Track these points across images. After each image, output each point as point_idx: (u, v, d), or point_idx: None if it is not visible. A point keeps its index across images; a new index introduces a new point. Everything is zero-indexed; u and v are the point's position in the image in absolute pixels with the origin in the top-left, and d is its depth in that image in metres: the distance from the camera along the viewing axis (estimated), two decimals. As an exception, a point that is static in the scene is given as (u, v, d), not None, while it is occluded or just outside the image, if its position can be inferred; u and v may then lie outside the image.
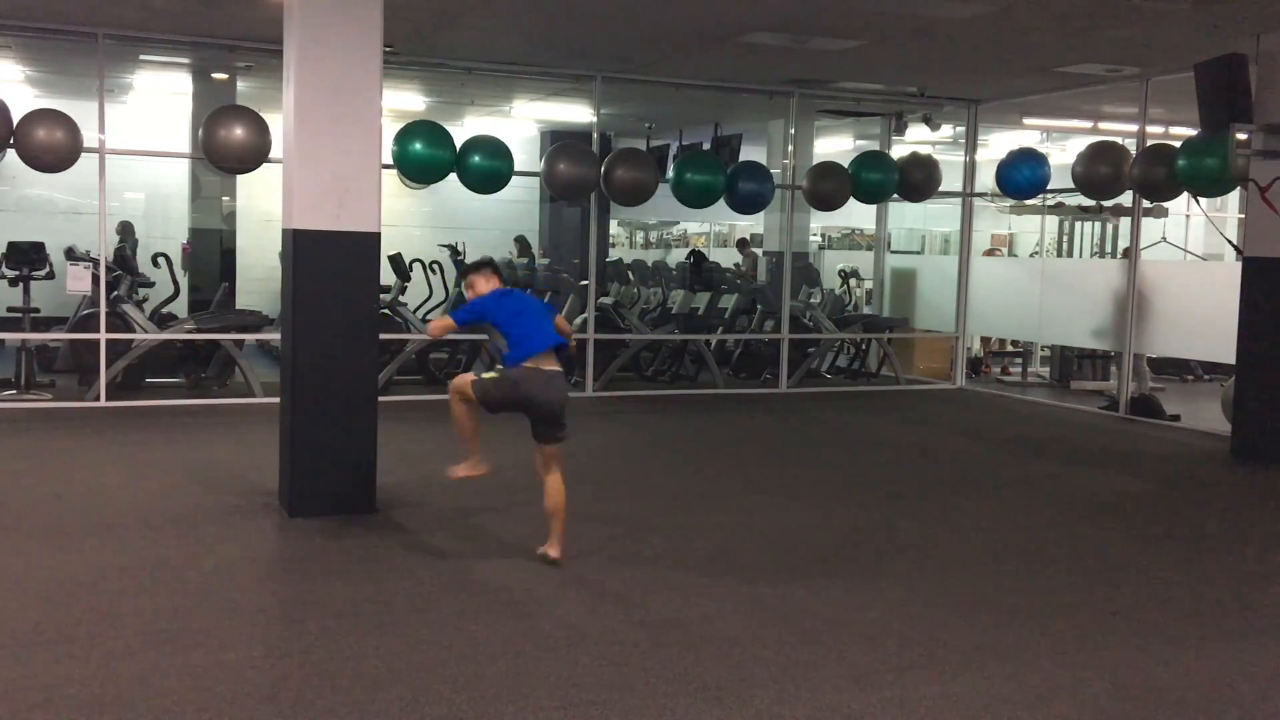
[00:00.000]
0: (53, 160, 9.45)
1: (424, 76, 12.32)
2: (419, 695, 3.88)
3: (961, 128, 13.81)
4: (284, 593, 5.13)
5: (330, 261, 6.33)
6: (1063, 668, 4.35)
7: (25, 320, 10.72)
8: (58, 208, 15.09)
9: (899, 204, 13.94)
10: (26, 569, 5.19)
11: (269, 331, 11.03)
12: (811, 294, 14.33)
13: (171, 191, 14.62)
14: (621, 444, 9.12)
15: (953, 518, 6.81)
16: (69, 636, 4.34)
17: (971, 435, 10.07)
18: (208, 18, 9.49)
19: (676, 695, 3.95)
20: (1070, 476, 8.31)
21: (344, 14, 6.24)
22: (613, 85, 11.90)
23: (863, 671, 4.22)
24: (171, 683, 3.92)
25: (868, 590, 5.25)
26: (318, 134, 6.25)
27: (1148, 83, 10.83)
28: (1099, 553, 6.13)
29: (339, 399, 6.36)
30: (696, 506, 6.91)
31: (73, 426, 8.94)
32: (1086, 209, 13.87)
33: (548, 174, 10.96)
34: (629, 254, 20.76)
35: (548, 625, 4.63)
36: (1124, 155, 10.95)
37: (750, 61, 10.85)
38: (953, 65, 10.86)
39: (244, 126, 9.67)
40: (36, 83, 13.42)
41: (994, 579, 5.53)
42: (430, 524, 6.21)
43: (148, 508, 6.38)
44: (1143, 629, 4.84)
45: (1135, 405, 11.21)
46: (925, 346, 13.93)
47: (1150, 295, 11.11)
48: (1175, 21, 8.51)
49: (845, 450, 9.21)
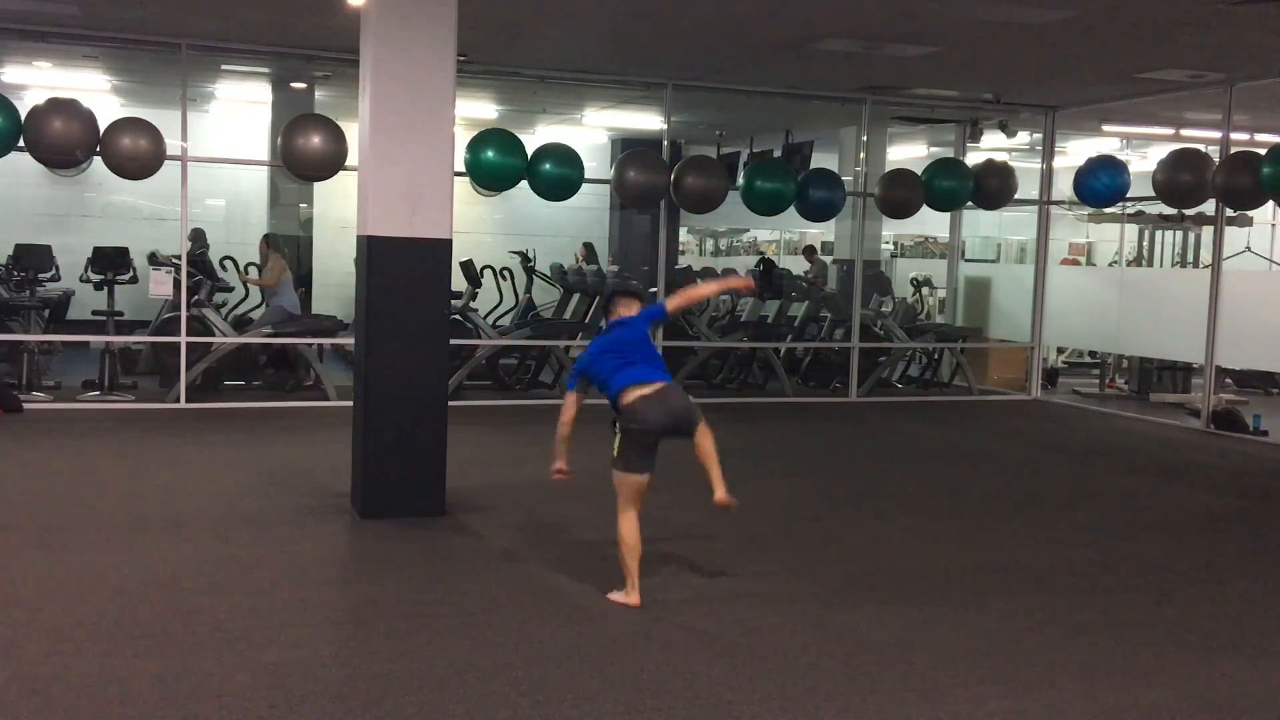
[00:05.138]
0: (137, 167, 9.70)
1: (497, 85, 12.45)
2: (484, 698, 3.90)
3: (1038, 134, 13.60)
4: (354, 593, 5.20)
5: (403, 267, 6.41)
6: (1136, 685, 4.24)
7: (109, 323, 11.01)
8: (141, 214, 15.48)
9: (973, 212, 13.76)
10: (106, 566, 5.32)
11: (343, 336, 11.20)
12: (883, 302, 14.19)
13: (251, 198, 14.92)
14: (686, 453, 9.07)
15: (1025, 532, 6.69)
16: (146, 633, 4.44)
17: (1046, 447, 9.88)
18: (287, 28, 9.69)
19: (741, 704, 3.93)
20: (1148, 491, 8.12)
21: (419, 24, 6.33)
22: (683, 93, 11.91)
23: (930, 686, 4.16)
24: (243, 680, 3.99)
25: (938, 604, 5.17)
26: (392, 142, 6.34)
27: (1232, 89, 10.58)
28: (1176, 568, 5.98)
29: (410, 403, 6.43)
30: (764, 517, 6.87)
31: (153, 427, 9.15)
32: (1167, 217, 13.56)
33: (618, 181, 11.00)
34: (698, 261, 20.72)
35: (613, 631, 4.64)
36: (1207, 162, 10.71)
37: (822, 68, 10.78)
38: (1029, 71, 10.70)
39: (321, 135, 9.84)
40: (122, 92, 13.80)
41: (1067, 595, 5.42)
42: (498, 528, 6.25)
43: (223, 508, 6.51)
44: (1219, 646, 4.71)
45: (1218, 418, 10.93)
46: (1000, 356, 13.73)
47: (1234, 306, 10.82)
48: (1260, 26, 8.29)
49: (916, 461, 9.09)
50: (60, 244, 13.31)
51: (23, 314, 11.10)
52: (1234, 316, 10.81)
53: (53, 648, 4.24)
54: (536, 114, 14.77)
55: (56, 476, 7.33)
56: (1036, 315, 12.96)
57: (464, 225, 11.09)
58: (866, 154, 12.61)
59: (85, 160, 9.61)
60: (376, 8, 6.33)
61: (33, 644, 4.27)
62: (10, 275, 11.92)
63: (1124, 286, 12.33)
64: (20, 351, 10.60)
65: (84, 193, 15.19)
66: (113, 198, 15.38)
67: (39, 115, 9.35)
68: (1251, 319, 10.70)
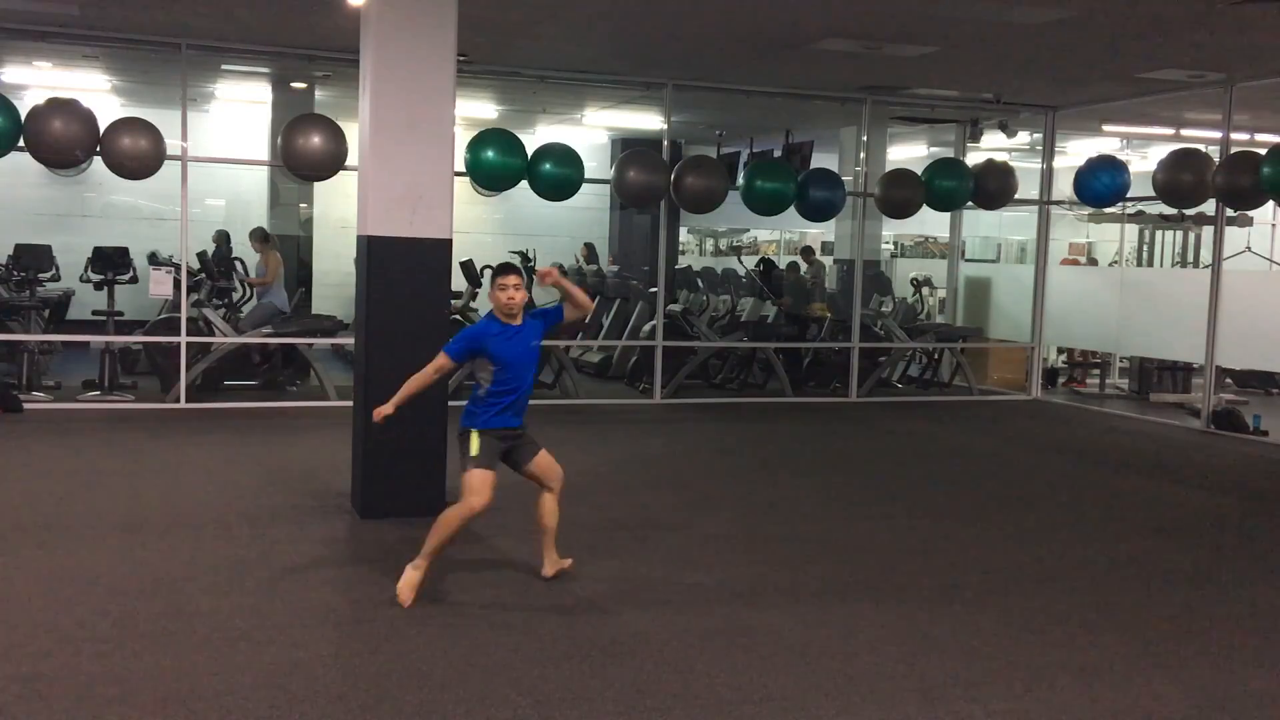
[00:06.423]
0: (137, 167, 9.69)
1: (497, 85, 12.45)
2: (484, 697, 3.90)
3: (1039, 134, 13.60)
4: (355, 593, 5.19)
5: (403, 267, 6.42)
6: (1138, 685, 4.25)
7: (109, 323, 11.01)
8: (141, 214, 15.49)
9: (973, 212, 13.75)
10: (106, 566, 5.32)
11: (343, 336, 11.20)
12: (883, 303, 14.19)
13: (251, 198, 14.93)
14: (688, 452, 9.10)
15: (1025, 532, 6.69)
16: (146, 633, 4.44)
17: (1046, 447, 9.88)
18: (287, 28, 9.69)
19: (741, 704, 3.93)
20: (1148, 491, 8.12)
21: (419, 24, 6.33)
22: (683, 93, 11.91)
23: (931, 685, 4.16)
24: (245, 679, 3.99)
25: (938, 604, 5.17)
26: (392, 142, 6.35)
27: (1232, 89, 10.58)
28: (1176, 569, 5.98)
29: (410, 403, 6.41)
30: (764, 516, 6.87)
31: (153, 427, 9.15)
32: (1168, 217, 13.56)
33: (618, 181, 11.00)
34: (698, 261, 20.73)
35: (614, 630, 4.64)
36: (1207, 163, 10.70)
37: (822, 68, 10.78)
38: (1029, 71, 10.70)
39: (321, 134, 9.84)
40: (122, 91, 13.80)
41: (1067, 594, 5.42)
42: (498, 527, 6.24)
43: (223, 507, 6.51)
44: (1221, 647, 4.71)
45: (1218, 418, 10.93)
46: (1000, 357, 13.73)
47: (1234, 306, 10.82)
48: (1260, 26, 8.29)
49: (916, 461, 9.10)
50: (60, 244, 13.33)
51: (23, 314, 11.10)
52: (1234, 316, 10.81)
53: (53, 648, 4.24)
54: (536, 114, 14.77)
55: (56, 476, 7.33)
56: (1036, 315, 12.97)
57: (464, 225, 11.09)
58: (866, 154, 12.61)
59: (85, 160, 9.61)
60: (376, 8, 6.34)
61: (33, 644, 4.27)
62: (10, 275, 11.93)
63: (1124, 286, 12.32)
64: (20, 351, 10.60)
65: (84, 193, 15.20)
66: (113, 198, 15.39)
67: (39, 115, 9.34)
68: (1251, 319, 10.70)
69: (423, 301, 6.48)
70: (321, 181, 11.09)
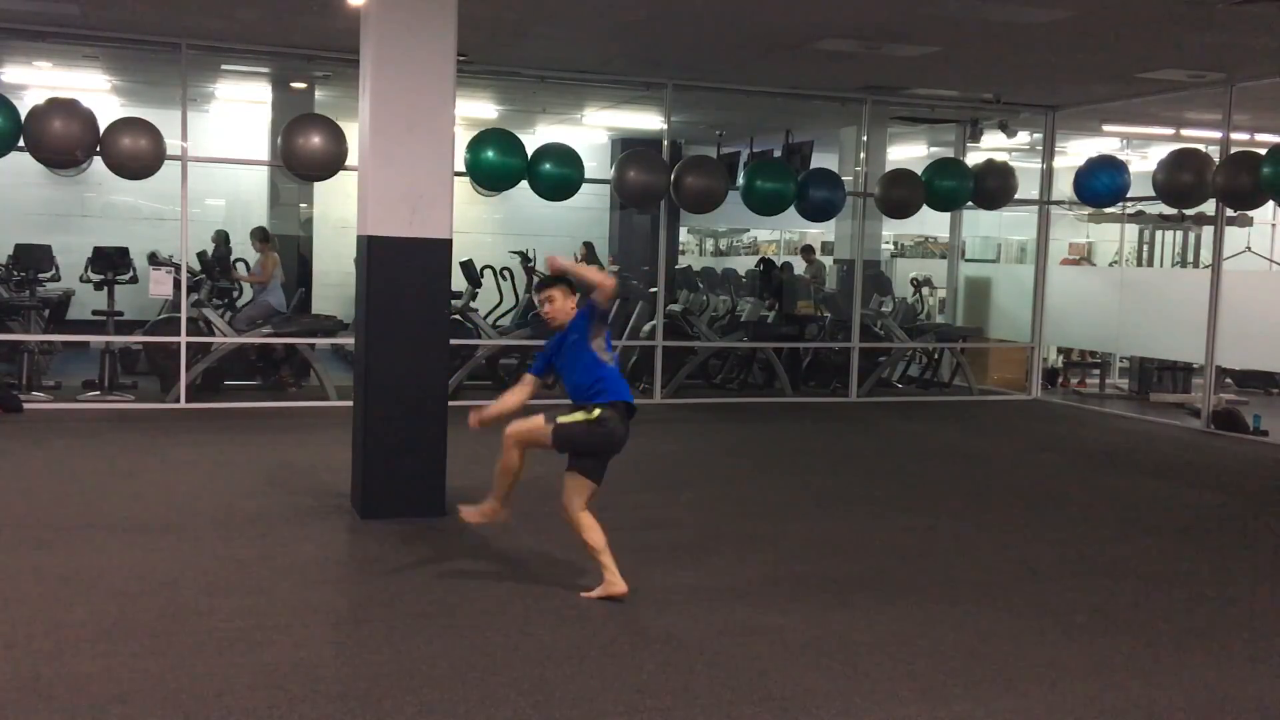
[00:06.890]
0: (137, 167, 9.70)
1: (497, 85, 12.44)
2: (485, 697, 3.90)
3: (1039, 134, 13.59)
4: (355, 593, 5.20)
5: (403, 267, 6.41)
6: (1136, 685, 4.24)
7: (109, 323, 11.01)
8: (141, 214, 15.48)
9: (973, 212, 13.75)
10: (106, 566, 5.32)
11: (343, 336, 11.20)
12: (883, 303, 14.19)
13: (251, 198, 14.93)
14: (689, 452, 9.10)
15: (1025, 531, 6.69)
16: (146, 633, 4.44)
17: (1046, 447, 9.88)
18: (287, 28, 9.69)
19: (741, 704, 3.93)
20: (1148, 491, 8.12)
21: (419, 24, 6.33)
22: (683, 93, 11.91)
23: (930, 685, 4.16)
24: (244, 680, 3.99)
25: (938, 604, 5.17)
26: (392, 142, 6.35)
27: (1232, 89, 10.58)
28: (1175, 569, 5.98)
29: (411, 403, 6.44)
30: (765, 516, 6.87)
31: (153, 428, 9.15)
32: (1168, 217, 13.55)
33: (618, 181, 11.00)
34: (698, 261, 20.73)
35: (613, 631, 4.64)
36: (1207, 163, 10.70)
37: (823, 68, 10.78)
38: (1029, 71, 10.70)
39: (321, 135, 9.84)
40: (122, 91, 13.79)
41: (1067, 594, 5.42)
42: (498, 527, 6.23)
43: (223, 508, 6.51)
44: (1220, 647, 4.71)
45: (1218, 418, 10.92)
46: (1000, 357, 13.73)
47: (1234, 306, 10.82)
48: (1260, 26, 8.29)
49: (915, 461, 9.10)
50: (60, 244, 13.30)
51: (23, 314, 11.10)
52: (1234, 316, 10.81)
53: (53, 648, 4.24)
54: (536, 114, 14.76)
55: (56, 476, 7.33)
56: (1036, 315, 12.96)
57: (464, 225, 11.09)
58: (866, 154, 12.61)
59: (85, 160, 9.61)
60: (376, 8, 6.34)
61: (33, 644, 4.27)
62: (10, 275, 11.93)
63: (1124, 286, 12.32)
64: (20, 351, 10.60)
65: (84, 193, 15.19)
66: (113, 198, 15.38)
67: (39, 115, 9.35)
68: (1251, 319, 10.70)
69: (423, 302, 6.47)
70: (321, 181, 11.09)
